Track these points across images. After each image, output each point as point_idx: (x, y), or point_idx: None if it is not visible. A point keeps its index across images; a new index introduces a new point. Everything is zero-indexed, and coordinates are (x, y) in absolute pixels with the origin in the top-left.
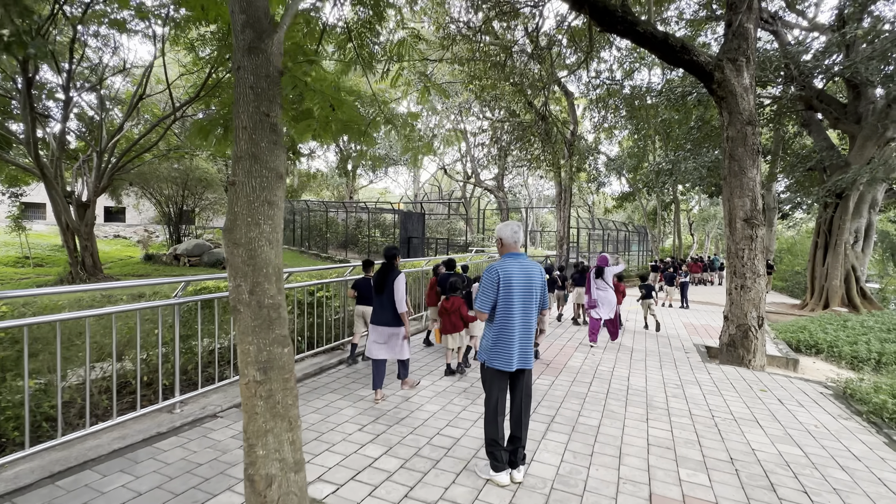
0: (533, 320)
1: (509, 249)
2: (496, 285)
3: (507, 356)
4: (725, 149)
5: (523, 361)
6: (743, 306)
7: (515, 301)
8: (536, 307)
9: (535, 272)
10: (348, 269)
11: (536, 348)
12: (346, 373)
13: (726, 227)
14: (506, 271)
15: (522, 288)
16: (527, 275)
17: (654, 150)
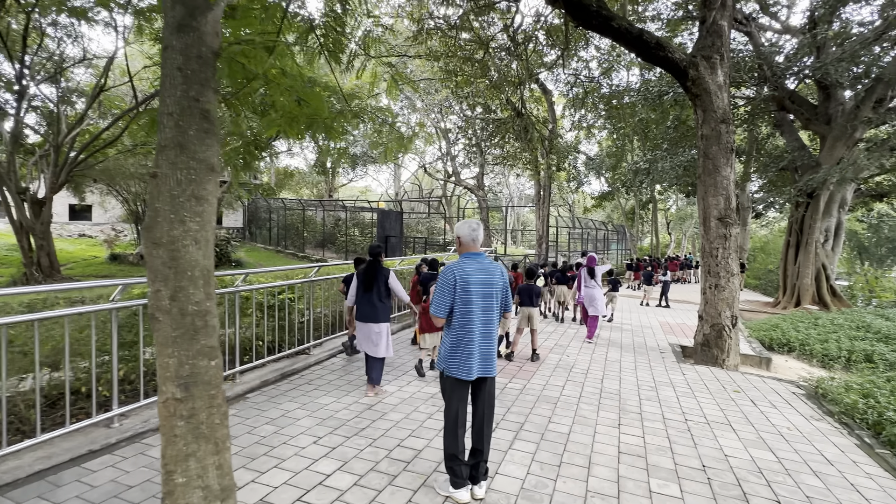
0: (494, 324)
1: (468, 249)
2: (452, 287)
3: (466, 364)
4: (700, 147)
5: (485, 369)
6: (717, 305)
7: (474, 304)
8: (498, 310)
9: (496, 272)
10: (314, 270)
11: (510, 351)
12: (310, 378)
13: (701, 226)
14: (463, 272)
15: (482, 290)
16: (486, 275)
17: (633, 149)
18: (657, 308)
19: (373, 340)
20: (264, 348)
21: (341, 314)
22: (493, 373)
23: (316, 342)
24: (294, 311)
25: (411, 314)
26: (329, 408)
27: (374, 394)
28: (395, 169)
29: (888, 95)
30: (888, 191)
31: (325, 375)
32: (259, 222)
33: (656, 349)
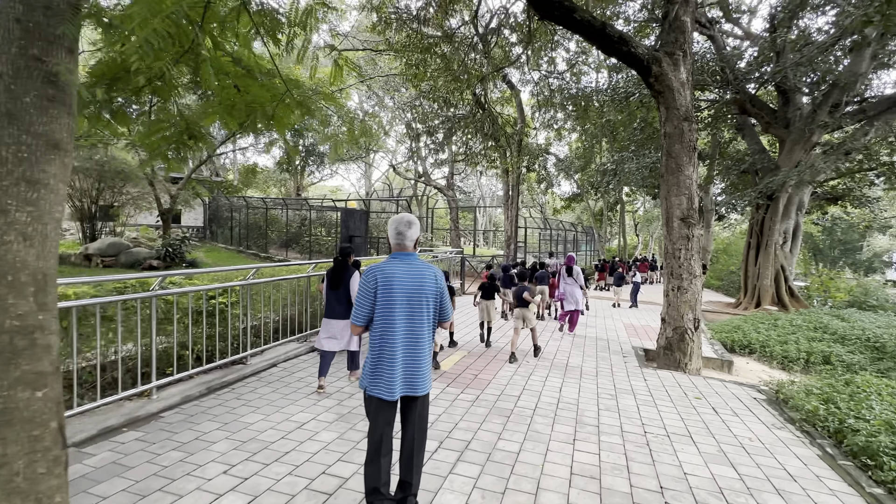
0: (424, 336)
1: (397, 249)
2: (373, 292)
3: (388, 381)
4: (663, 146)
5: (411, 387)
6: (679, 308)
7: (398, 312)
8: (430, 319)
9: (427, 276)
10: (251, 272)
11: (435, 359)
12: (241, 392)
13: (663, 227)
14: (385, 275)
15: (408, 295)
16: (415, 279)
17: (602, 151)
18: (625, 309)
19: (336, 336)
20: (192, 359)
21: (291, 318)
22: (422, 391)
23: (256, 350)
24: (231, 316)
25: None
26: (254, 427)
27: (355, 378)
28: (366, 168)
29: (843, 101)
30: (842, 194)
31: (260, 388)
32: (221, 221)
33: (619, 353)
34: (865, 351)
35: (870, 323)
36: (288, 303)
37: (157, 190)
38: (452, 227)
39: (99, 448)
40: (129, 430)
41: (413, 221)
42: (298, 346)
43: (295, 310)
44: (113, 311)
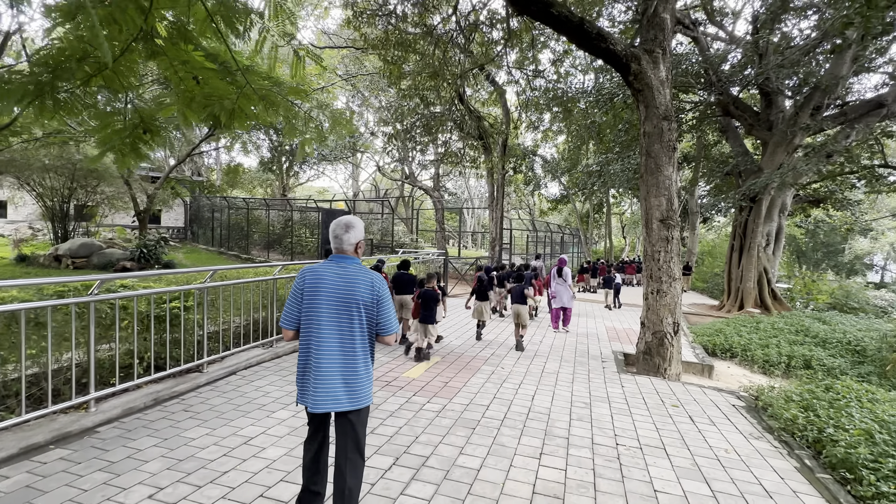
0: (355, 347)
1: (336, 252)
2: (299, 295)
3: (312, 392)
4: (642, 145)
5: (335, 400)
6: (659, 312)
7: (324, 318)
8: (362, 330)
9: (361, 282)
10: (209, 274)
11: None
12: (190, 404)
13: (643, 228)
14: (315, 277)
15: (336, 302)
16: (347, 285)
17: (588, 152)
18: (607, 311)
19: None
20: (141, 368)
21: (256, 323)
22: (349, 406)
23: (214, 358)
24: (187, 322)
25: None
26: (195, 444)
27: None
28: (353, 170)
29: (825, 103)
30: (824, 197)
31: (212, 399)
32: (202, 222)
33: (599, 358)
34: (846, 354)
35: (850, 326)
36: (252, 307)
37: (134, 189)
38: (438, 228)
39: (15, 469)
40: (56, 448)
41: (352, 224)
42: (263, 353)
43: (260, 314)
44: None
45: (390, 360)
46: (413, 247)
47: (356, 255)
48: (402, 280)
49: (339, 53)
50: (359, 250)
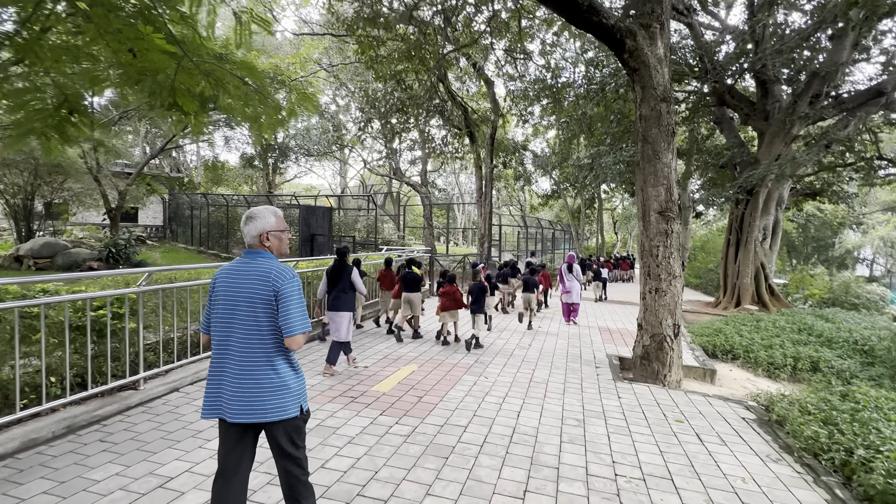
0: (256, 351)
1: (247, 247)
2: (210, 295)
3: (209, 399)
4: (638, 130)
5: (245, 411)
6: (658, 312)
7: (222, 318)
8: (267, 332)
9: (256, 278)
10: (143, 276)
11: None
12: (113, 431)
13: (640, 221)
14: (221, 276)
15: (232, 300)
16: (242, 281)
17: (579, 146)
18: (602, 309)
19: (333, 328)
20: (58, 386)
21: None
22: (264, 418)
23: (156, 371)
24: (121, 331)
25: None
26: (98, 488)
27: (330, 374)
28: (341, 166)
29: (824, 91)
30: (819, 189)
31: (140, 425)
32: (181, 220)
33: (592, 363)
34: (854, 355)
35: (855, 324)
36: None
37: (104, 186)
38: (426, 224)
39: None
40: None
41: (253, 215)
42: None
43: None
44: None
45: (364, 369)
46: (400, 244)
47: (265, 247)
48: (409, 279)
49: (321, 44)
50: (267, 242)
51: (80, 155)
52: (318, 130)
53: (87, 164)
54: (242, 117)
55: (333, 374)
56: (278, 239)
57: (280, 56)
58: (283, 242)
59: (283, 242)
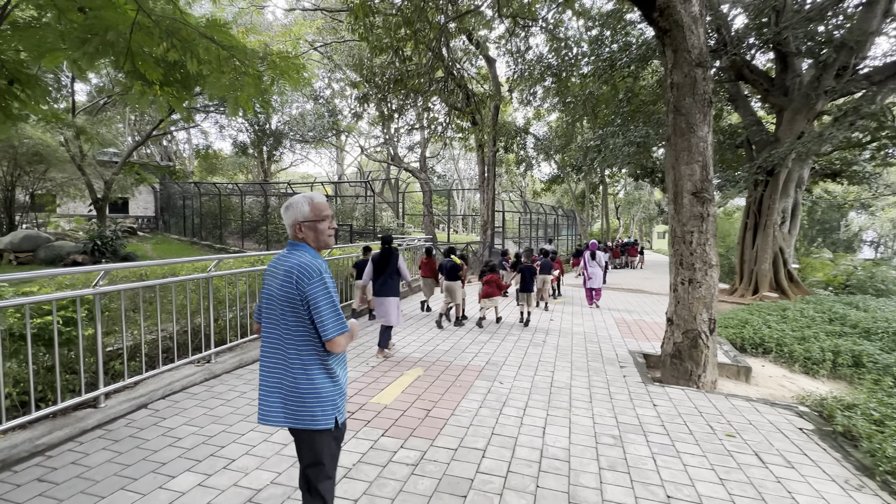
0: (287, 352)
1: None
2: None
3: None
4: (669, 100)
5: (272, 415)
6: (691, 306)
7: (263, 316)
8: (295, 332)
9: (280, 275)
10: (100, 275)
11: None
12: (45, 471)
13: (670, 204)
14: (267, 267)
15: (266, 298)
16: (272, 278)
17: (583, 130)
18: (609, 297)
19: (382, 313)
20: None
21: (190, 332)
22: (286, 423)
23: (125, 384)
24: (74, 339)
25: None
26: None
27: (383, 357)
28: (338, 153)
29: (851, 63)
30: (839, 169)
31: (94, 455)
32: (174, 210)
33: (615, 361)
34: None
35: (891, 312)
36: (187, 311)
37: (89, 175)
38: (426, 212)
39: None
40: None
41: (289, 205)
42: (193, 373)
43: (189, 321)
44: None
45: (360, 376)
46: (400, 232)
47: (300, 238)
48: (449, 267)
49: (313, 24)
50: (300, 233)
51: (61, 143)
52: (312, 116)
53: (70, 152)
54: (216, 89)
55: (387, 357)
56: (313, 230)
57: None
58: (320, 234)
59: (320, 234)
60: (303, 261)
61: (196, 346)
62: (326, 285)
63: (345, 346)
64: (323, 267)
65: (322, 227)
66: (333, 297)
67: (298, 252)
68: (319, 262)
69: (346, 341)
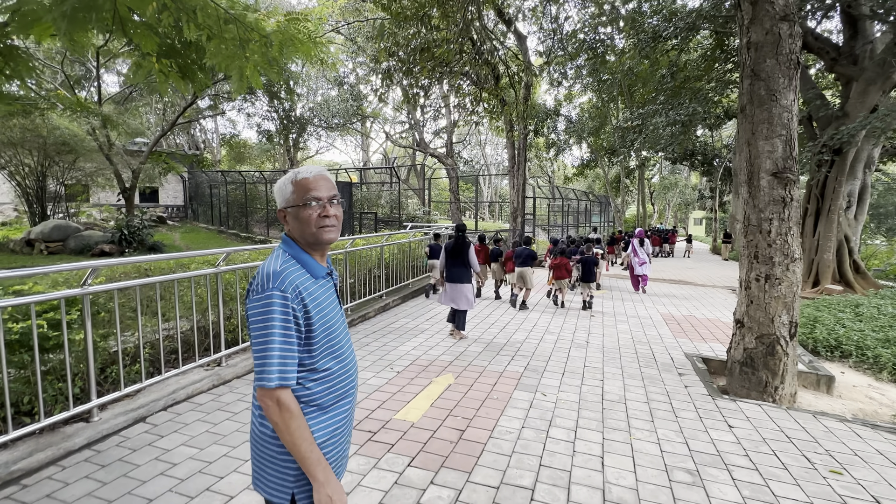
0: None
1: None
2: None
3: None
4: (745, 63)
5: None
6: (768, 307)
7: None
8: None
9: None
10: (87, 273)
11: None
12: (24, 502)
13: (743, 186)
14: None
15: None
16: None
17: (618, 111)
18: (652, 288)
19: (455, 297)
20: None
21: (197, 330)
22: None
23: (117, 395)
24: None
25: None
26: None
27: (459, 337)
28: (363, 140)
29: None
30: None
31: (75, 485)
32: (202, 199)
33: (671, 366)
34: None
35: None
36: (194, 309)
37: (117, 165)
38: (452, 198)
39: None
40: None
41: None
42: (201, 378)
43: (194, 320)
44: None
45: (384, 384)
46: (426, 220)
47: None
48: (525, 254)
49: (336, 4)
50: (286, 224)
51: (88, 132)
52: (337, 101)
53: (98, 141)
54: (218, 58)
55: (463, 338)
56: (296, 219)
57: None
58: (304, 224)
59: (304, 224)
60: (266, 268)
61: (205, 348)
62: (271, 310)
63: (268, 406)
64: (286, 281)
65: (306, 215)
66: (276, 331)
67: (276, 253)
68: (286, 274)
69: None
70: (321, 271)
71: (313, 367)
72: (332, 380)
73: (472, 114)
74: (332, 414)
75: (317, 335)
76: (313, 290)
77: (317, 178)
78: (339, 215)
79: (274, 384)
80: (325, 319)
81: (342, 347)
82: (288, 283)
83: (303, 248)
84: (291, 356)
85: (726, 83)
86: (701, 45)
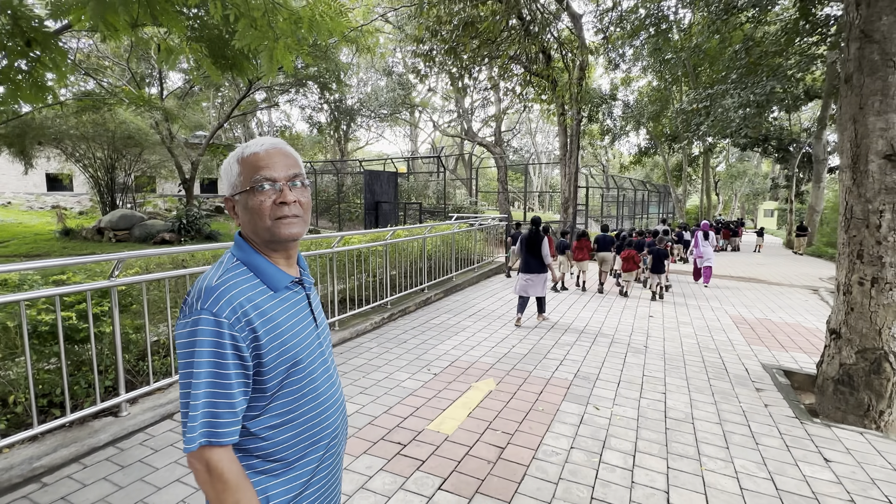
0: None
1: None
2: None
3: None
4: (851, 22)
5: None
6: (874, 316)
7: None
8: None
9: None
10: (114, 265)
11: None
12: (52, 497)
13: (846, 171)
14: None
15: None
16: None
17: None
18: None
19: (530, 286)
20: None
21: None
22: None
23: (149, 389)
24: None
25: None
26: None
27: (543, 318)
28: (412, 130)
29: None
30: None
31: (93, 486)
32: None
33: (746, 379)
34: None
35: None
36: None
37: (178, 157)
38: (501, 189)
39: None
40: None
41: None
42: None
43: None
44: None
45: (419, 387)
46: (472, 211)
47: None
48: (605, 241)
49: None
50: (235, 217)
51: (151, 126)
52: (384, 91)
53: (160, 134)
54: (247, 39)
55: (546, 319)
56: (245, 208)
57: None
58: (257, 214)
59: (257, 214)
60: (200, 282)
61: None
62: (197, 341)
63: (198, 472)
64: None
65: (256, 203)
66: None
67: (221, 259)
68: (224, 289)
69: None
70: (283, 280)
71: (270, 411)
72: (299, 425)
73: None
74: (301, 472)
75: (270, 368)
76: (268, 309)
77: (269, 153)
78: (303, 201)
79: (196, 443)
80: (283, 347)
81: (314, 381)
82: (225, 303)
83: (257, 249)
84: (226, 402)
85: (811, 58)
86: (779, 17)
